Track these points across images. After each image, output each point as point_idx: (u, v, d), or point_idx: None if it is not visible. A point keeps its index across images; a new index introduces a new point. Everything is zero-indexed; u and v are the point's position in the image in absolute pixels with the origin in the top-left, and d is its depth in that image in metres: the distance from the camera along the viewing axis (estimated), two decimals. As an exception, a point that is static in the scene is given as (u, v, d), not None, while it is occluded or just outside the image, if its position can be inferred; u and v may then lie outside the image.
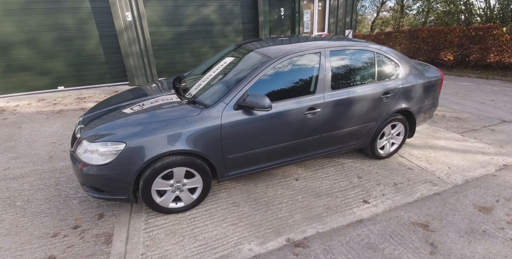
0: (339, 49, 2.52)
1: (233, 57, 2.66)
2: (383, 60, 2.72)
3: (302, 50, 2.38)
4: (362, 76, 2.63)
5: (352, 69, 2.59)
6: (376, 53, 2.68)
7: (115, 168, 1.94)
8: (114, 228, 2.19)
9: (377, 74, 2.68)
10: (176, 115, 2.07)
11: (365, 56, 2.63)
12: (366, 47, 2.64)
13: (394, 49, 11.26)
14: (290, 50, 2.35)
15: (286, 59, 2.31)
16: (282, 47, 2.44)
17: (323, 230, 2.15)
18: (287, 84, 2.35)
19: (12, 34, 5.16)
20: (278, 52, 2.33)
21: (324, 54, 2.45)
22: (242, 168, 2.37)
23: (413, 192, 2.60)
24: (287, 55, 2.32)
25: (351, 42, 2.61)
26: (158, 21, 6.05)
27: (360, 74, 2.62)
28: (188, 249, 1.97)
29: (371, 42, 2.82)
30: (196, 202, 2.32)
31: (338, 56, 2.52)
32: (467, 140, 3.76)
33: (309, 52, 2.40)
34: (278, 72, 2.31)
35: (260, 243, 2.02)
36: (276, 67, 2.29)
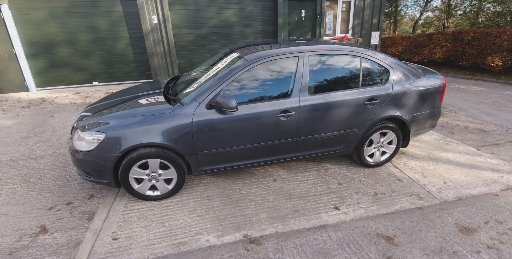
0: (319, 53, 2.51)
1: (222, 60, 2.80)
2: (369, 65, 2.63)
3: (280, 54, 2.43)
4: (344, 81, 2.58)
5: (333, 74, 2.55)
6: (362, 58, 2.60)
7: (96, 154, 2.22)
8: (99, 207, 2.48)
9: (361, 79, 2.60)
10: (153, 111, 2.28)
11: (348, 61, 2.58)
12: (350, 51, 2.58)
13: (434, 52, 10.30)
14: (267, 54, 2.41)
15: (262, 63, 2.38)
16: (262, 51, 2.51)
17: (282, 230, 2.19)
18: (263, 86, 2.42)
19: (55, 34, 5.96)
20: (255, 56, 2.42)
21: (302, 58, 2.46)
22: (215, 164, 2.50)
23: (392, 204, 2.48)
24: (263, 58, 2.39)
25: (335, 46, 2.58)
26: (181, 24, 6.46)
27: (341, 79, 2.57)
28: (153, 233, 2.17)
29: (362, 47, 2.73)
30: (171, 192, 2.51)
31: (318, 61, 2.51)
32: (481, 154, 3.42)
33: (287, 56, 2.44)
34: (255, 75, 2.39)
35: (218, 236, 2.14)
36: (252, 70, 2.37)
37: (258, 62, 2.37)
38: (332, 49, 2.54)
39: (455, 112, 5.44)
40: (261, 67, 2.39)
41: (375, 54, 2.64)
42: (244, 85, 2.39)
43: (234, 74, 2.33)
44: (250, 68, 2.36)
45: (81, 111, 2.82)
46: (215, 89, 2.29)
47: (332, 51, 2.54)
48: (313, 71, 2.51)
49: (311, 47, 2.52)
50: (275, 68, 2.43)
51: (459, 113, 5.34)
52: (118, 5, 6.01)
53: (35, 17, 5.76)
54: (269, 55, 2.41)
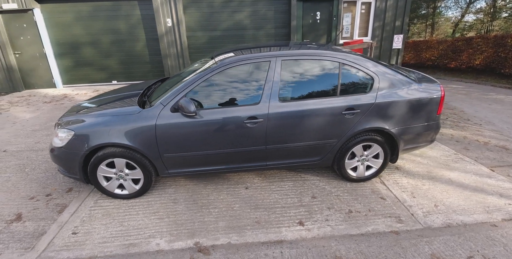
0: (293, 58, 2.37)
1: (201, 64, 2.78)
2: (350, 72, 2.42)
3: (250, 58, 2.33)
4: (320, 88, 2.40)
5: (308, 80, 2.39)
6: (342, 64, 2.41)
7: (67, 151, 2.32)
8: (72, 201, 2.60)
9: (340, 87, 2.40)
10: (121, 112, 2.34)
11: (326, 66, 2.40)
12: (329, 57, 2.39)
13: (473, 58, 9.33)
14: (237, 59, 2.34)
15: (231, 67, 2.32)
16: (235, 55, 2.44)
17: (236, 242, 2.10)
18: (232, 91, 2.35)
19: (81, 36, 6.46)
20: (224, 60, 2.36)
21: (274, 63, 2.35)
22: (182, 168, 2.49)
23: (364, 224, 2.26)
24: (232, 63, 2.32)
25: (313, 51, 2.41)
26: (194, 26, 6.62)
27: (317, 86, 2.40)
28: (110, 231, 2.21)
29: (344, 52, 2.53)
30: (139, 192, 2.55)
31: (292, 66, 2.37)
32: (493, 176, 2.99)
33: (258, 61, 2.34)
34: (224, 79, 2.34)
35: (169, 241, 2.11)
36: (220, 74, 2.32)
37: (226, 67, 2.31)
38: (308, 54, 2.39)
39: (480, 125, 4.86)
40: (230, 71, 2.33)
41: (357, 60, 2.43)
42: (212, 90, 2.34)
43: (200, 79, 2.29)
44: (218, 72, 2.31)
45: (69, 109, 2.99)
46: (181, 93, 2.27)
47: (308, 56, 2.39)
48: (286, 77, 2.37)
49: (285, 51, 2.39)
50: (245, 73, 2.35)
51: (484, 127, 4.76)
52: (136, 9, 6.34)
53: (64, 20, 6.30)
54: (239, 59, 2.33)
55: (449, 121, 5.09)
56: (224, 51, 2.81)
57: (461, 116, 5.59)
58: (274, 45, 2.73)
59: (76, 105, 2.90)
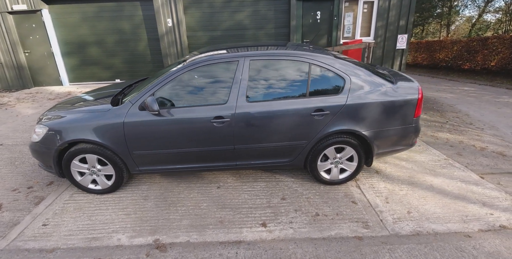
0: (262, 58, 2.34)
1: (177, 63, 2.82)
2: (320, 72, 2.37)
3: (219, 58, 2.34)
4: (288, 89, 2.36)
5: (277, 81, 2.36)
6: (312, 64, 2.35)
7: (42, 146, 2.42)
8: (49, 194, 2.70)
9: (309, 88, 2.36)
10: (93, 110, 2.41)
11: (296, 67, 2.35)
12: (298, 57, 2.35)
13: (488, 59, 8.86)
14: (206, 59, 2.35)
15: (199, 67, 2.33)
16: (204, 55, 2.45)
17: (195, 240, 2.11)
18: (200, 91, 2.36)
19: (86, 36, 6.70)
20: (193, 60, 2.37)
21: (242, 64, 2.33)
22: (152, 165, 2.53)
23: (328, 228, 2.21)
24: (200, 63, 2.33)
25: (281, 51, 2.37)
26: (195, 26, 6.70)
27: (286, 87, 2.36)
28: (77, 225, 2.28)
29: (315, 52, 2.46)
30: (112, 188, 2.61)
31: (261, 66, 2.34)
32: (482, 183, 2.83)
33: (226, 61, 2.33)
34: (191, 79, 2.35)
35: (131, 236, 2.15)
36: (189, 74, 2.34)
37: (193, 67, 2.33)
38: (277, 54, 2.36)
39: (482, 130, 4.62)
40: (199, 71, 2.34)
41: (328, 60, 2.37)
42: (181, 89, 2.37)
43: (167, 78, 2.32)
44: (186, 72, 2.33)
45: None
46: (148, 91, 2.31)
47: (276, 56, 2.35)
48: (254, 77, 2.36)
49: (253, 52, 2.37)
50: (214, 72, 2.35)
51: (486, 132, 4.53)
52: (139, 9, 6.51)
53: (70, 20, 6.57)
54: (207, 59, 2.34)
55: (448, 125, 4.87)
56: (202, 51, 2.83)
57: (464, 120, 5.33)
58: (258, 45, 2.71)
59: (59, 102, 3.01)
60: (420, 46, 14.25)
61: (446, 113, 5.85)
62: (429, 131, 4.52)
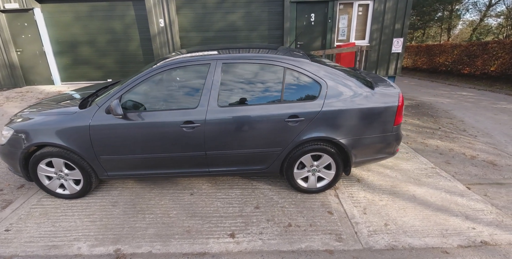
0: (235, 61, 2.25)
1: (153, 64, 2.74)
2: (296, 77, 2.27)
3: (190, 61, 2.25)
4: (262, 94, 2.27)
5: (250, 85, 2.27)
6: (287, 68, 2.26)
7: (7, 148, 2.34)
8: (18, 198, 2.62)
9: (283, 93, 2.26)
10: (59, 112, 2.33)
11: (270, 71, 2.26)
12: (273, 61, 2.26)
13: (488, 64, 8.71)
14: (176, 61, 2.26)
15: (168, 69, 2.24)
16: (177, 57, 2.36)
17: (157, 251, 2.01)
18: (170, 94, 2.28)
19: (79, 35, 6.66)
20: (163, 63, 2.29)
21: (214, 67, 2.24)
22: (121, 171, 2.44)
23: (300, 240, 2.10)
24: (170, 65, 2.25)
25: (255, 54, 2.28)
26: (188, 27, 6.64)
27: (259, 92, 2.27)
28: (40, 231, 2.19)
29: (291, 56, 2.37)
30: (80, 193, 2.52)
31: (233, 70, 2.26)
32: (467, 194, 2.72)
33: (197, 64, 2.25)
34: (162, 82, 2.27)
35: (92, 245, 2.06)
36: (158, 77, 2.26)
37: (164, 69, 2.25)
38: (250, 57, 2.27)
39: (475, 137, 4.50)
40: (168, 74, 2.26)
41: (304, 65, 2.28)
42: (150, 92, 2.28)
43: (137, 80, 2.24)
44: (156, 74, 2.25)
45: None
46: (116, 94, 2.23)
47: (250, 60, 2.26)
48: (227, 81, 2.27)
49: (226, 54, 2.28)
50: (185, 76, 2.27)
51: (479, 139, 4.40)
52: (131, 9, 6.46)
53: (63, 19, 6.53)
54: (178, 62, 2.26)
55: (440, 132, 4.75)
56: (189, 50, 2.74)
57: (458, 126, 5.21)
58: (250, 48, 2.61)
59: (33, 103, 2.93)
60: (420, 50, 14.11)
61: (440, 119, 5.72)
62: (419, 137, 4.40)
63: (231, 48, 2.57)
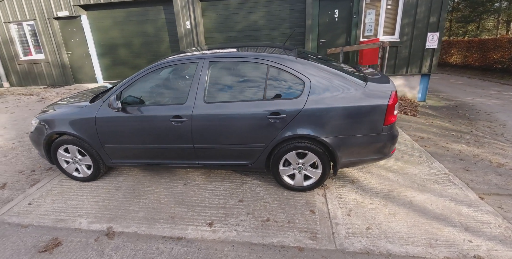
0: (222, 60, 2.34)
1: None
2: (279, 75, 2.27)
3: (180, 60, 2.41)
4: (246, 91, 2.32)
5: (235, 82, 2.34)
6: (271, 66, 2.27)
7: (35, 135, 2.78)
8: (44, 178, 3.08)
9: (266, 90, 2.28)
10: (75, 106, 2.68)
11: (254, 69, 2.30)
12: (257, 59, 2.29)
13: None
14: (169, 60, 2.44)
15: (161, 68, 2.43)
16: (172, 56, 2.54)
17: (142, 232, 2.22)
18: (162, 91, 2.47)
19: (117, 38, 7.38)
20: (158, 62, 2.48)
21: (201, 65, 2.37)
22: (122, 159, 2.72)
23: (273, 235, 2.13)
24: (163, 64, 2.43)
25: (241, 52, 2.34)
26: (212, 28, 6.90)
27: (243, 89, 2.33)
28: (53, 206, 2.57)
29: (276, 54, 2.36)
30: (92, 177, 2.87)
31: (219, 68, 2.35)
32: (476, 205, 2.46)
33: (187, 62, 2.40)
34: (156, 79, 2.48)
35: (90, 222, 2.36)
36: (152, 75, 2.46)
37: (157, 67, 2.44)
38: (235, 56, 2.34)
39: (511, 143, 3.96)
40: (161, 72, 2.45)
41: (288, 62, 2.27)
42: (145, 88, 2.51)
43: (132, 79, 2.48)
44: (149, 73, 2.46)
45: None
46: (116, 91, 2.50)
47: (235, 58, 2.34)
48: (213, 79, 2.38)
49: (212, 53, 2.39)
50: (176, 73, 2.44)
51: (516, 145, 3.86)
52: (162, 13, 6.95)
53: (104, 24, 7.31)
54: (170, 61, 2.44)
55: (470, 136, 4.27)
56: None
57: (496, 130, 4.62)
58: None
59: (63, 98, 3.41)
60: (472, 45, 12.59)
61: (476, 122, 5.12)
62: (442, 141, 4.02)
63: (236, 47, 2.66)
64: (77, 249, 2.07)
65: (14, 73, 8.02)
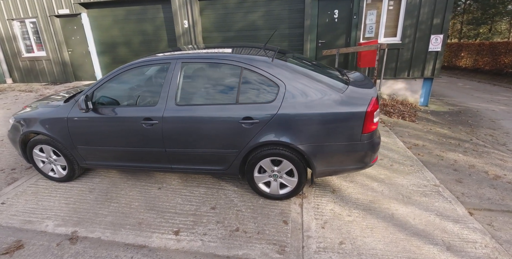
0: (193, 61, 2.24)
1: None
2: (253, 78, 2.16)
3: (152, 60, 2.32)
4: (218, 94, 2.22)
5: (208, 85, 2.24)
6: (244, 68, 2.16)
7: (11, 133, 2.75)
8: (23, 177, 3.05)
9: (239, 94, 2.17)
10: (49, 106, 2.63)
11: (228, 71, 2.19)
12: (230, 61, 2.18)
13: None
14: (140, 61, 2.36)
15: (132, 68, 2.35)
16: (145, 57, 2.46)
17: (106, 238, 2.15)
18: (134, 92, 2.40)
19: (116, 37, 7.40)
20: (129, 62, 2.40)
21: (173, 66, 2.27)
22: (95, 160, 2.65)
23: (239, 247, 2.03)
24: (134, 64, 2.35)
25: (214, 54, 2.24)
26: (210, 27, 6.82)
27: (216, 92, 2.22)
28: (25, 207, 2.53)
29: (250, 55, 2.26)
30: (67, 177, 2.83)
31: (192, 69, 2.25)
32: (464, 221, 2.29)
33: (159, 63, 2.31)
34: (128, 80, 2.40)
35: (57, 225, 2.30)
36: (124, 75, 2.39)
37: (128, 68, 2.36)
38: (208, 57, 2.24)
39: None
40: (133, 73, 2.37)
41: (261, 65, 2.15)
42: (117, 89, 2.43)
43: (103, 80, 2.41)
44: (121, 73, 2.38)
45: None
46: (87, 91, 2.43)
47: (208, 59, 2.23)
48: (185, 80, 2.28)
49: (185, 54, 2.30)
50: (148, 74, 2.36)
51: (517, 156, 3.64)
52: (160, 12, 6.92)
53: (104, 23, 7.33)
54: (140, 61, 2.36)
55: (469, 144, 4.05)
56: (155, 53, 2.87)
57: (498, 139, 4.38)
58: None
59: (43, 97, 3.38)
60: (483, 48, 12.15)
61: (478, 130, 4.88)
62: (437, 149, 3.83)
63: (217, 47, 2.57)
64: (37, 253, 2.01)
65: (17, 69, 8.14)
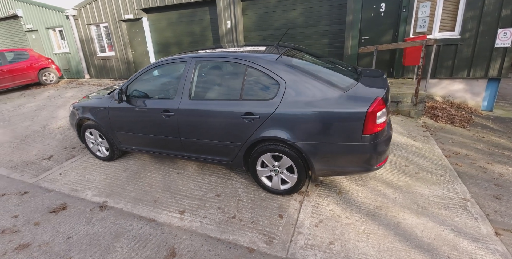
0: (206, 60, 2.44)
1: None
2: (255, 75, 2.23)
3: (172, 59, 2.61)
4: (225, 90, 2.37)
5: (217, 81, 2.41)
6: (249, 66, 2.25)
7: (70, 118, 3.41)
8: (79, 154, 3.74)
9: (243, 90, 2.28)
10: (98, 97, 3.18)
11: (234, 69, 2.32)
12: (236, 59, 2.30)
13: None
14: (163, 59, 2.66)
15: (156, 66, 2.68)
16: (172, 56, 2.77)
17: (126, 210, 2.54)
18: (158, 87, 2.73)
19: (170, 37, 8.20)
20: (157, 61, 2.74)
21: (189, 64, 2.51)
22: (129, 145, 3.10)
23: (231, 232, 2.18)
24: (159, 63, 2.67)
25: (224, 53, 2.39)
26: (250, 27, 7.02)
27: (223, 88, 2.38)
28: (75, 178, 3.12)
29: (257, 53, 2.35)
30: (109, 157, 3.37)
31: (205, 67, 2.45)
32: (484, 241, 2.04)
33: (177, 61, 2.57)
34: (154, 77, 2.74)
35: (94, 195, 2.80)
36: (151, 72, 2.73)
37: (154, 66, 2.70)
38: (219, 56, 2.41)
39: None
40: (159, 70, 2.70)
41: (264, 63, 2.22)
42: (146, 84, 2.80)
43: (134, 76, 2.80)
44: (148, 71, 2.74)
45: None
46: (123, 85, 2.87)
47: (218, 58, 2.41)
48: (199, 77, 2.51)
49: (199, 53, 2.51)
50: (170, 71, 2.66)
51: None
52: (207, 14, 7.42)
53: (160, 25, 8.20)
54: (163, 60, 2.67)
55: (528, 157, 3.40)
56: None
57: None
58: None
59: (101, 89, 4.05)
60: None
61: (550, 142, 4.02)
62: (482, 160, 3.33)
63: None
64: (74, 215, 2.51)
65: (93, 67, 9.72)
